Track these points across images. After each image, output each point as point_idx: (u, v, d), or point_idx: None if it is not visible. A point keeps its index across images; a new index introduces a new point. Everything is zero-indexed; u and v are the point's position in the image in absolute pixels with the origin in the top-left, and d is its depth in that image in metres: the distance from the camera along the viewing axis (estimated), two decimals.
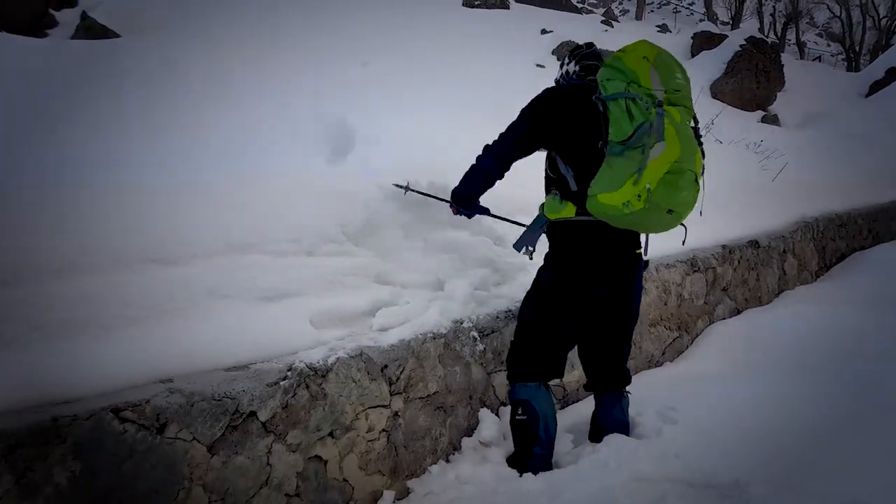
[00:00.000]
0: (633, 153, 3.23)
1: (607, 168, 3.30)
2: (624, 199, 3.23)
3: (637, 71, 3.33)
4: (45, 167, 3.46)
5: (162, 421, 2.64)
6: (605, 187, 3.28)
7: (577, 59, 3.76)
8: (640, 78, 3.31)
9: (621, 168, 3.24)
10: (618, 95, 3.30)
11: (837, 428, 3.87)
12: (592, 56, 3.75)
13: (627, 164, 3.23)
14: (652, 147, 3.19)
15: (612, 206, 3.27)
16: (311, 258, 3.70)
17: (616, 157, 3.27)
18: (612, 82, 3.35)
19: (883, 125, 13.63)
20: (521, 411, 3.67)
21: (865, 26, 38.03)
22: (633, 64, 3.36)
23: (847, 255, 9.20)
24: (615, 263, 3.65)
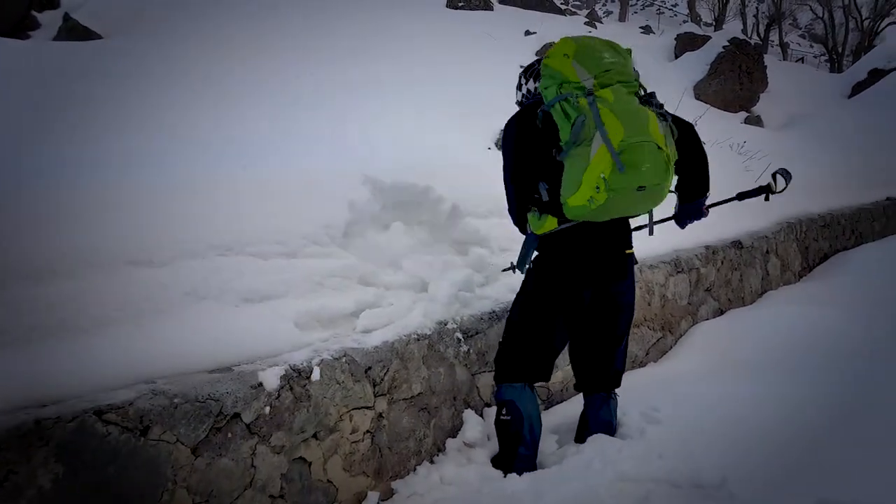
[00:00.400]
0: (578, 150, 3.21)
1: (565, 173, 3.29)
2: (586, 196, 3.21)
3: (562, 70, 3.34)
4: (24, 168, 3.45)
5: (145, 423, 2.63)
6: (568, 191, 3.27)
7: (533, 76, 3.75)
8: (567, 75, 3.33)
9: (573, 167, 3.23)
10: (553, 101, 3.32)
11: (821, 427, 3.89)
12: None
13: (577, 161, 3.21)
14: (593, 137, 3.17)
15: (580, 207, 3.26)
16: (294, 260, 3.69)
17: (568, 159, 3.26)
18: (549, 89, 3.38)
19: (866, 126, 13.71)
20: (506, 412, 3.67)
21: (848, 27, 38.22)
22: (557, 65, 3.37)
23: (830, 256, 9.26)
24: (600, 266, 3.65)
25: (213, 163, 4.01)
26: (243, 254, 3.51)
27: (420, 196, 4.51)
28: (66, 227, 3.04)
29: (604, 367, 3.84)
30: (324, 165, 4.29)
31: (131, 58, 7.35)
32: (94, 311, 2.86)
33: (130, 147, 4.15)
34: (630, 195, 3.22)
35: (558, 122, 3.29)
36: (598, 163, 3.15)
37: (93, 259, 2.99)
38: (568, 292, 3.64)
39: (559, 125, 3.28)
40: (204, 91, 6.28)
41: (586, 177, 3.18)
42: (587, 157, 3.18)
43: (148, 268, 3.14)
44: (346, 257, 3.92)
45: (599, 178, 3.16)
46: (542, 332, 3.71)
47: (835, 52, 37.57)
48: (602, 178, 3.15)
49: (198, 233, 3.44)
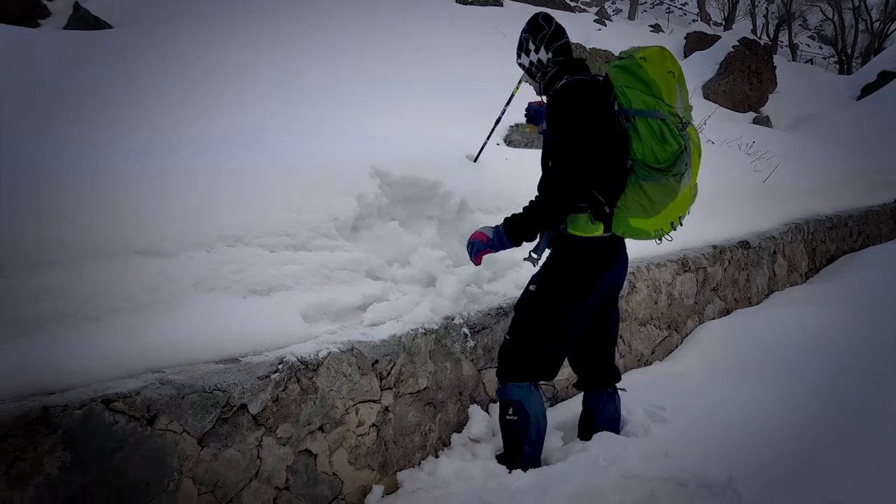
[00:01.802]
0: (670, 181, 3.18)
1: (641, 194, 3.24)
2: (657, 227, 3.30)
3: (662, 86, 3.21)
4: (33, 158, 3.44)
5: (152, 412, 2.64)
6: (639, 213, 3.27)
7: (544, 42, 3.59)
8: (664, 94, 3.21)
9: (658, 196, 3.23)
10: (647, 114, 3.18)
11: (828, 427, 3.89)
12: (560, 34, 3.63)
13: (665, 191, 3.21)
14: (683, 175, 3.19)
15: (643, 231, 3.34)
16: (302, 252, 3.68)
17: (650, 184, 3.21)
18: (634, 92, 3.22)
19: (874, 128, 13.68)
20: (512, 412, 3.62)
21: (858, 29, 38.17)
22: (658, 77, 3.22)
23: (837, 257, 9.24)
24: (624, 272, 3.73)
25: (221, 155, 4.00)
26: (251, 245, 3.50)
27: (429, 191, 4.50)
28: (73, 217, 3.04)
29: (607, 363, 3.85)
30: (332, 159, 4.29)
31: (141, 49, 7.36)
32: (102, 300, 2.86)
33: (138, 138, 4.15)
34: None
35: (645, 135, 3.17)
36: (683, 200, 3.24)
37: (101, 249, 2.99)
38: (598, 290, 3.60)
39: (643, 138, 3.18)
40: (212, 83, 6.29)
41: (669, 209, 3.25)
42: (675, 192, 3.21)
43: (156, 258, 3.13)
44: (353, 251, 3.92)
45: (677, 217, 3.31)
46: (564, 334, 3.63)
47: (844, 54, 37.51)
48: (680, 217, 3.32)
49: (205, 224, 3.43)
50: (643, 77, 3.22)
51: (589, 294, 3.57)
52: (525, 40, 3.68)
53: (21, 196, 2.99)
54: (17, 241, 2.80)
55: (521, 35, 3.70)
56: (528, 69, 3.73)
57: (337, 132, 4.98)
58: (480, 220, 4.59)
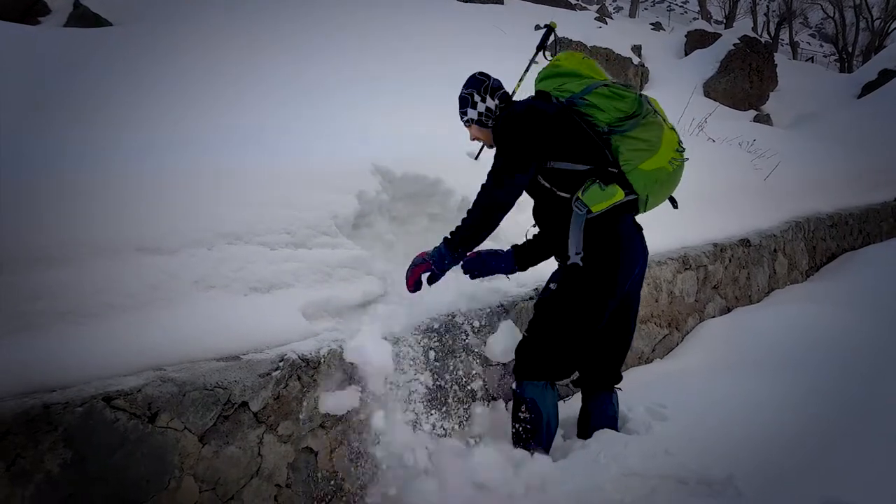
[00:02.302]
0: (647, 120, 3.46)
1: (635, 140, 3.44)
2: (668, 157, 3.47)
3: (584, 70, 3.69)
4: (33, 155, 3.45)
5: (153, 410, 2.64)
6: (643, 156, 3.44)
7: (489, 92, 3.82)
8: (592, 73, 3.69)
9: (650, 133, 3.45)
10: (592, 87, 3.53)
11: (828, 425, 3.90)
12: (500, 85, 3.88)
13: (651, 128, 3.45)
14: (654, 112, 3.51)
15: (657, 169, 3.47)
16: (303, 250, 3.68)
17: (636, 129, 3.44)
18: (570, 83, 3.62)
19: (875, 126, 13.67)
20: (525, 409, 3.60)
21: (859, 27, 38.16)
22: (576, 65, 3.70)
23: (837, 255, 9.24)
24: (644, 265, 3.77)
25: (222, 153, 4.00)
26: (251, 243, 3.50)
27: (430, 188, 4.50)
28: (74, 214, 3.04)
29: (616, 364, 3.84)
30: (333, 157, 4.28)
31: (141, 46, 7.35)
32: (102, 297, 2.85)
33: (138, 136, 4.15)
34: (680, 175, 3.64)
35: (601, 103, 3.47)
36: (670, 131, 3.52)
37: (102, 246, 2.98)
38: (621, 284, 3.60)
39: (600, 106, 3.47)
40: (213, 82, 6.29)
41: (665, 140, 3.46)
42: (660, 125, 3.48)
43: (156, 256, 3.13)
44: (354, 248, 3.91)
45: (677, 142, 3.53)
46: (584, 334, 3.63)
47: (845, 52, 37.51)
48: (678, 140, 3.54)
49: (206, 222, 3.42)
50: (566, 71, 3.68)
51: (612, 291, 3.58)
52: (469, 96, 3.86)
53: (21, 194, 2.99)
54: (17, 239, 2.80)
55: (462, 94, 3.88)
56: (478, 120, 3.86)
57: (337, 131, 4.98)
58: None
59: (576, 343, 3.64)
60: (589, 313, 3.58)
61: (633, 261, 3.62)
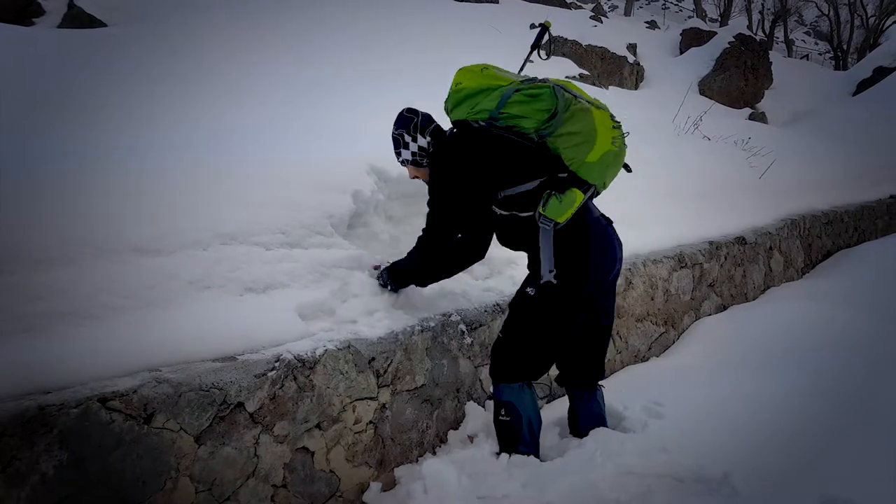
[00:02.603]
0: (571, 111, 3.36)
1: (569, 136, 3.36)
2: (609, 140, 3.36)
3: (488, 82, 3.52)
4: (29, 157, 3.45)
5: (149, 411, 2.63)
6: (586, 148, 3.35)
7: (419, 131, 3.76)
8: (498, 82, 3.51)
9: (581, 124, 3.35)
10: (504, 98, 3.40)
11: (824, 423, 3.91)
12: (429, 120, 3.80)
13: (580, 118, 3.35)
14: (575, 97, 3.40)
15: (604, 154, 3.36)
16: (298, 250, 3.68)
17: (566, 124, 3.36)
18: (484, 101, 3.47)
19: (870, 124, 13.70)
20: (504, 412, 3.59)
21: (853, 25, 38.21)
22: (479, 80, 3.53)
23: (833, 253, 9.26)
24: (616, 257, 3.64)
25: (218, 153, 4.00)
26: (247, 244, 3.50)
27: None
28: (70, 215, 3.05)
29: (598, 361, 3.83)
30: (329, 157, 4.29)
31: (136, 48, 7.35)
32: (98, 298, 2.86)
33: (134, 137, 4.15)
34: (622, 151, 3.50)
35: (521, 109, 3.38)
36: (598, 111, 3.39)
37: (97, 247, 2.99)
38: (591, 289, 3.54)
39: (522, 113, 3.38)
40: (209, 83, 6.28)
41: (599, 124, 3.34)
42: (587, 111, 3.36)
43: (152, 256, 3.14)
44: (350, 248, 3.92)
45: (611, 120, 3.40)
46: (560, 335, 3.60)
47: (840, 50, 37.56)
48: (611, 118, 3.42)
49: (202, 222, 3.43)
50: (472, 91, 3.52)
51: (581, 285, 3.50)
52: (399, 137, 3.80)
53: (19, 195, 2.99)
54: (14, 240, 2.80)
55: (394, 134, 3.83)
56: (413, 161, 3.81)
57: (335, 131, 4.98)
58: None
59: (550, 346, 3.63)
60: (562, 323, 3.56)
61: (609, 260, 3.57)
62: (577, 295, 3.49)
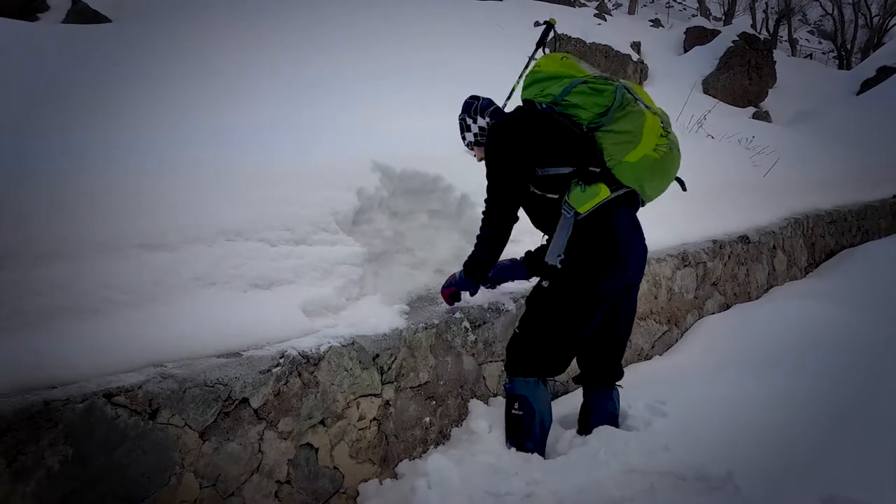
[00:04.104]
0: (626, 110, 3.42)
1: (617, 134, 3.41)
2: (652, 145, 3.38)
3: (564, 69, 3.58)
4: (34, 152, 3.45)
5: (154, 406, 2.64)
6: (626, 148, 3.39)
7: (479, 112, 3.92)
8: (572, 71, 3.57)
9: (628, 125, 3.39)
10: (571, 86, 3.48)
11: (827, 423, 3.90)
12: (490, 103, 3.96)
13: (631, 118, 3.40)
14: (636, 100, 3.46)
15: (644, 158, 3.39)
16: (303, 246, 3.69)
17: (616, 123, 3.42)
18: (552, 86, 3.55)
19: (874, 123, 13.66)
20: (518, 406, 3.60)
21: (857, 24, 38.15)
22: (556, 67, 3.59)
23: (836, 252, 9.24)
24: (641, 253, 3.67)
25: (218, 152, 4.00)
26: (252, 240, 3.51)
27: (430, 185, 4.50)
28: (76, 211, 3.05)
29: (616, 360, 3.83)
30: (333, 154, 4.29)
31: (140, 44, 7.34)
32: (103, 293, 2.87)
33: (139, 133, 4.15)
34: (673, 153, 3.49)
35: (581, 101, 3.45)
36: (652, 116, 3.42)
37: (103, 242, 3.00)
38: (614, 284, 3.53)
39: (581, 104, 3.45)
40: (212, 81, 6.28)
41: (647, 128, 3.38)
42: (641, 113, 3.41)
43: (157, 252, 3.14)
44: (354, 244, 3.92)
45: (660, 127, 3.42)
46: (579, 329, 3.60)
47: (844, 49, 37.49)
48: (661, 125, 3.43)
49: (206, 218, 3.43)
50: (546, 75, 3.60)
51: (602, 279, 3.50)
52: (462, 121, 4.04)
53: (23, 190, 2.99)
54: (19, 235, 2.80)
55: (459, 119, 4.05)
56: (476, 141, 4.00)
57: (338, 128, 4.97)
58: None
59: (565, 341, 3.63)
60: (575, 316, 3.56)
61: (630, 259, 3.55)
62: (588, 288, 3.49)
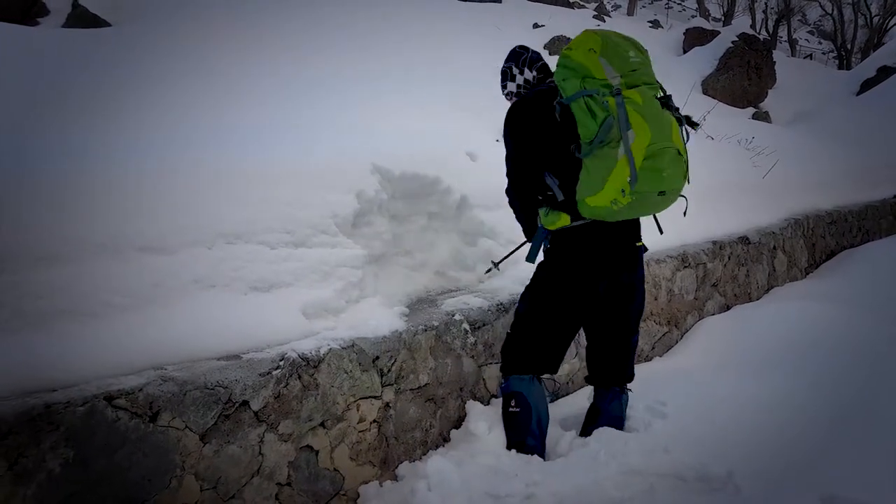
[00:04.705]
0: (603, 151, 3.15)
1: (585, 172, 3.24)
2: (610, 198, 3.17)
3: (587, 64, 3.24)
4: (34, 154, 3.45)
5: (155, 409, 2.65)
6: (588, 191, 3.24)
7: (527, 65, 3.79)
8: (592, 71, 3.22)
9: (597, 168, 3.18)
10: (575, 95, 3.23)
11: (827, 423, 3.90)
12: (539, 57, 3.83)
13: (602, 162, 3.16)
14: (620, 140, 3.10)
15: (600, 208, 3.23)
16: (303, 249, 3.69)
17: (590, 159, 3.20)
18: (569, 81, 3.29)
19: (874, 123, 13.65)
20: (514, 403, 3.66)
21: (857, 24, 38.13)
22: (581, 58, 3.26)
23: (837, 253, 9.24)
24: (614, 259, 3.60)
25: (218, 153, 4.00)
26: (251, 242, 3.51)
27: (429, 187, 4.51)
28: (75, 214, 3.05)
29: (620, 360, 3.83)
30: (332, 156, 4.29)
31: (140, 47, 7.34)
32: (104, 296, 2.87)
33: (138, 135, 4.15)
34: (651, 199, 3.19)
35: (579, 117, 3.21)
36: (623, 166, 3.10)
37: (103, 245, 3.00)
38: (582, 284, 3.60)
39: (579, 121, 3.21)
40: (211, 82, 6.28)
41: (612, 179, 3.13)
42: (613, 160, 3.13)
43: (157, 255, 3.14)
44: (354, 247, 3.92)
45: (626, 182, 3.10)
46: (552, 325, 3.70)
47: (843, 49, 37.47)
48: (628, 181, 3.09)
49: (206, 221, 3.44)
50: (571, 65, 3.31)
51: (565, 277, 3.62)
52: (508, 69, 3.89)
53: (24, 193, 2.99)
54: (19, 238, 2.81)
55: (503, 67, 3.92)
56: (517, 93, 3.87)
57: (337, 130, 4.98)
58: (480, 217, 4.60)
59: (547, 335, 3.71)
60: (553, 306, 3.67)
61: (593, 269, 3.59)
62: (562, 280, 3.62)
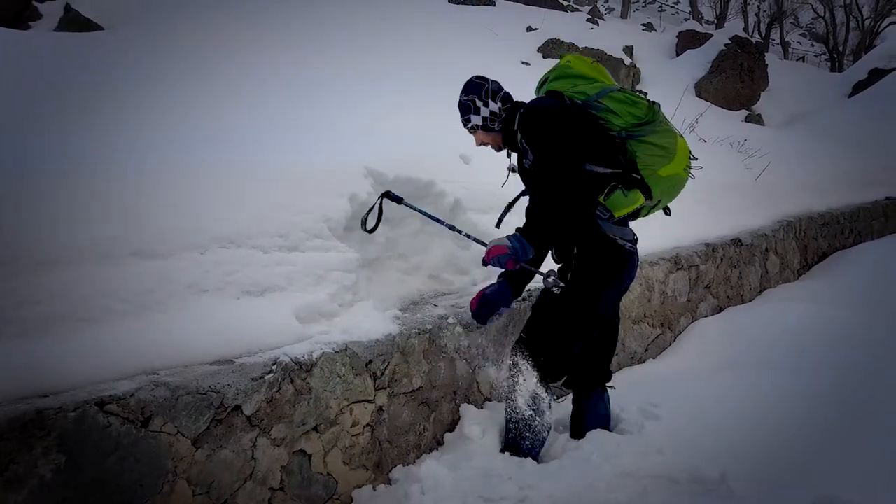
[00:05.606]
0: (662, 127, 3.50)
1: (652, 146, 3.47)
2: (683, 165, 3.53)
3: (595, 74, 3.68)
4: (27, 158, 3.44)
5: (146, 414, 2.64)
6: (662, 161, 3.48)
7: (490, 96, 3.78)
8: (603, 78, 3.69)
9: (666, 140, 3.48)
10: (606, 91, 3.51)
11: (820, 424, 3.91)
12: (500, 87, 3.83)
13: (667, 135, 3.49)
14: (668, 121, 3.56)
15: (676, 175, 3.53)
16: (296, 253, 3.68)
17: (652, 135, 3.47)
18: (583, 86, 3.58)
19: (866, 125, 13.72)
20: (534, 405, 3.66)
21: (849, 27, 38.22)
22: (586, 69, 3.68)
23: (829, 254, 9.28)
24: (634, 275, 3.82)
25: (215, 156, 4.00)
26: (245, 247, 3.50)
27: (422, 190, 4.51)
28: (68, 218, 3.04)
29: (607, 363, 3.85)
30: (326, 159, 4.29)
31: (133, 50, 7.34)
32: (96, 301, 2.86)
33: (132, 139, 4.14)
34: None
35: (617, 107, 3.47)
36: (683, 141, 3.57)
37: (96, 250, 2.99)
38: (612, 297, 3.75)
39: (617, 110, 3.47)
40: (206, 85, 6.28)
41: (681, 146, 3.52)
42: (674, 134, 3.53)
43: (150, 259, 3.14)
44: (347, 250, 3.91)
45: (689, 151, 3.59)
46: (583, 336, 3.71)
47: (835, 52, 37.55)
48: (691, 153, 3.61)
49: (199, 225, 3.43)
50: (577, 73, 3.66)
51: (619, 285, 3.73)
52: (470, 102, 3.81)
53: (18, 198, 2.99)
54: (12, 242, 2.80)
55: (463, 101, 3.84)
56: (483, 125, 3.82)
57: (332, 133, 4.98)
58: (474, 220, 4.59)
59: (572, 347, 3.70)
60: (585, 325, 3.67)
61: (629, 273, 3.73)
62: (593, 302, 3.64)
